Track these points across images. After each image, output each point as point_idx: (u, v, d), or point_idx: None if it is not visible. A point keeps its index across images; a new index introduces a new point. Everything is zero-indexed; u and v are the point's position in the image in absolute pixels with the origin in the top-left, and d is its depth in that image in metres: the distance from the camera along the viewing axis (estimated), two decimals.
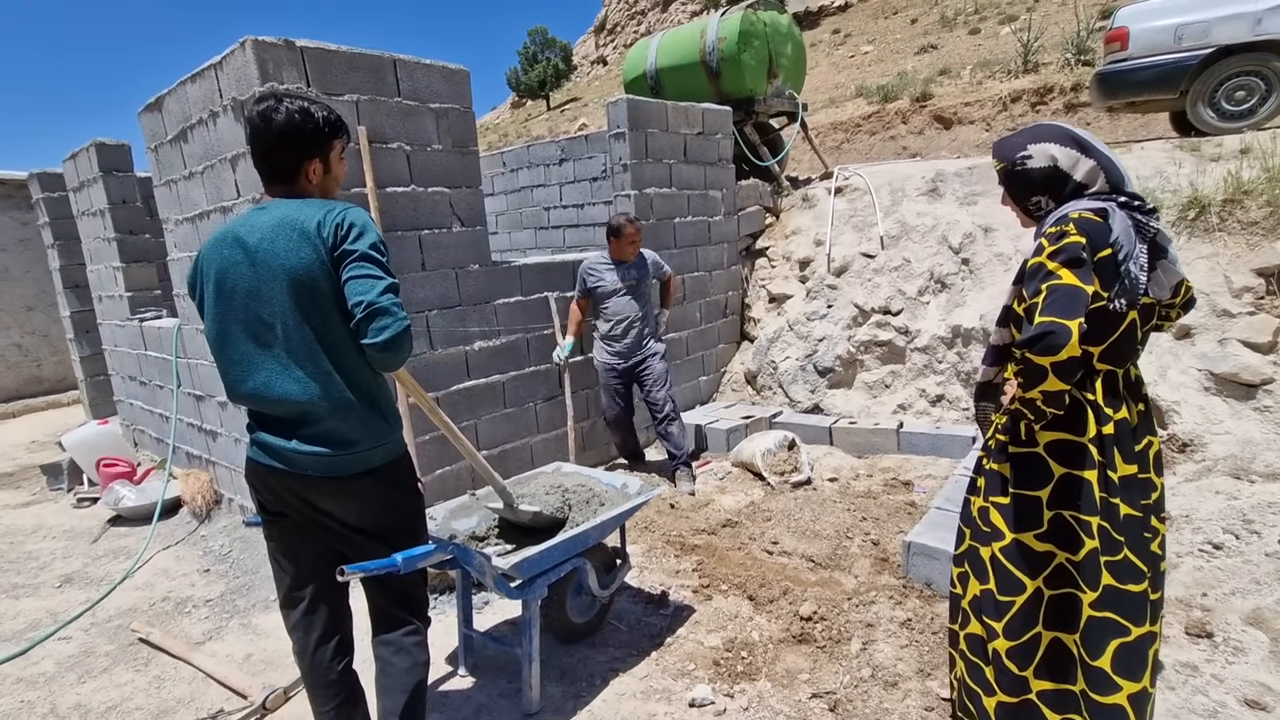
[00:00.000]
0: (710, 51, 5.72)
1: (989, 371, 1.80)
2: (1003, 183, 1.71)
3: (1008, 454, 1.65)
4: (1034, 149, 1.61)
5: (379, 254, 1.53)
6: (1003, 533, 1.65)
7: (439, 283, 3.54)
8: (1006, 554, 1.63)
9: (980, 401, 1.84)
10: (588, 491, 2.57)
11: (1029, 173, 1.62)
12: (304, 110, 1.58)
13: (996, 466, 1.67)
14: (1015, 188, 1.67)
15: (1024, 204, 1.68)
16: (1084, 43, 9.45)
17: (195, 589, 3.29)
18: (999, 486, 1.66)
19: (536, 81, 36.18)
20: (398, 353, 1.50)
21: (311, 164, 1.61)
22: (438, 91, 3.46)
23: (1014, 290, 1.67)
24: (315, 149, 1.61)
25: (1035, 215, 1.67)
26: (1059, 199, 1.61)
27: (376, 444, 1.63)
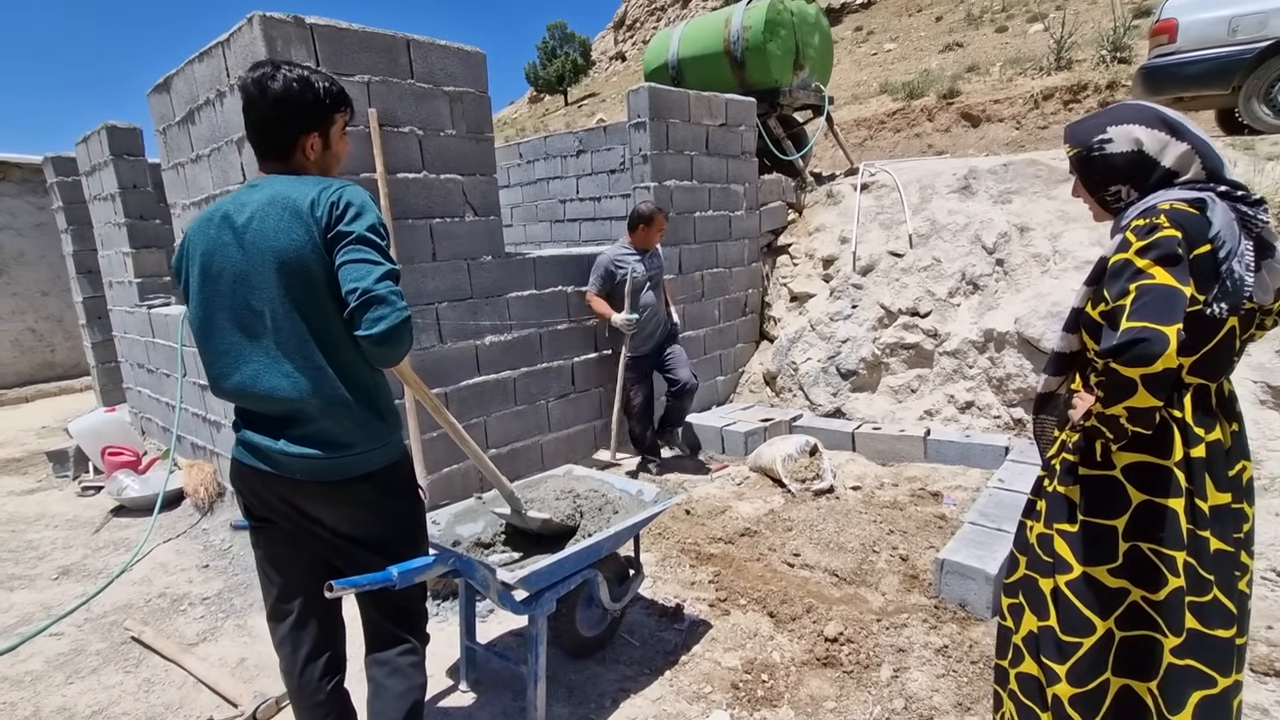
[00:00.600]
0: (735, 41, 5.53)
1: (1051, 381, 1.62)
2: (1076, 170, 1.52)
3: (1077, 476, 1.46)
4: (1115, 131, 1.42)
5: (378, 237, 1.38)
6: (1069, 564, 1.47)
7: (450, 274, 3.40)
8: (1073, 589, 1.45)
9: (1040, 415, 1.66)
10: (600, 498, 2.42)
11: (1109, 159, 1.43)
12: (303, 79, 1.44)
13: (1063, 490, 1.49)
14: (1091, 176, 1.48)
15: (1100, 194, 1.49)
16: (1120, 39, 9.14)
17: (193, 585, 3.18)
18: (1065, 512, 1.48)
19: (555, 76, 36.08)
20: (395, 346, 1.35)
21: (309, 139, 1.47)
22: (452, 74, 3.32)
23: (1086, 291, 1.48)
24: (314, 122, 1.47)
25: (1113, 208, 1.49)
26: (1143, 189, 1.43)
27: (373, 446, 1.48)
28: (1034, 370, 4.09)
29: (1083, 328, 1.50)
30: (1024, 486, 3.27)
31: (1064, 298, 4.03)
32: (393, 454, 1.54)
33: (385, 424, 1.51)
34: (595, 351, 4.21)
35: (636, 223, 3.93)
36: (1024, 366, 4.12)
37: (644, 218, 3.90)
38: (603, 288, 3.93)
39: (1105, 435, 1.35)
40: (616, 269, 3.92)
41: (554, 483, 2.61)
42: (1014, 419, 4.17)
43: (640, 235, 3.95)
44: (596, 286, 3.94)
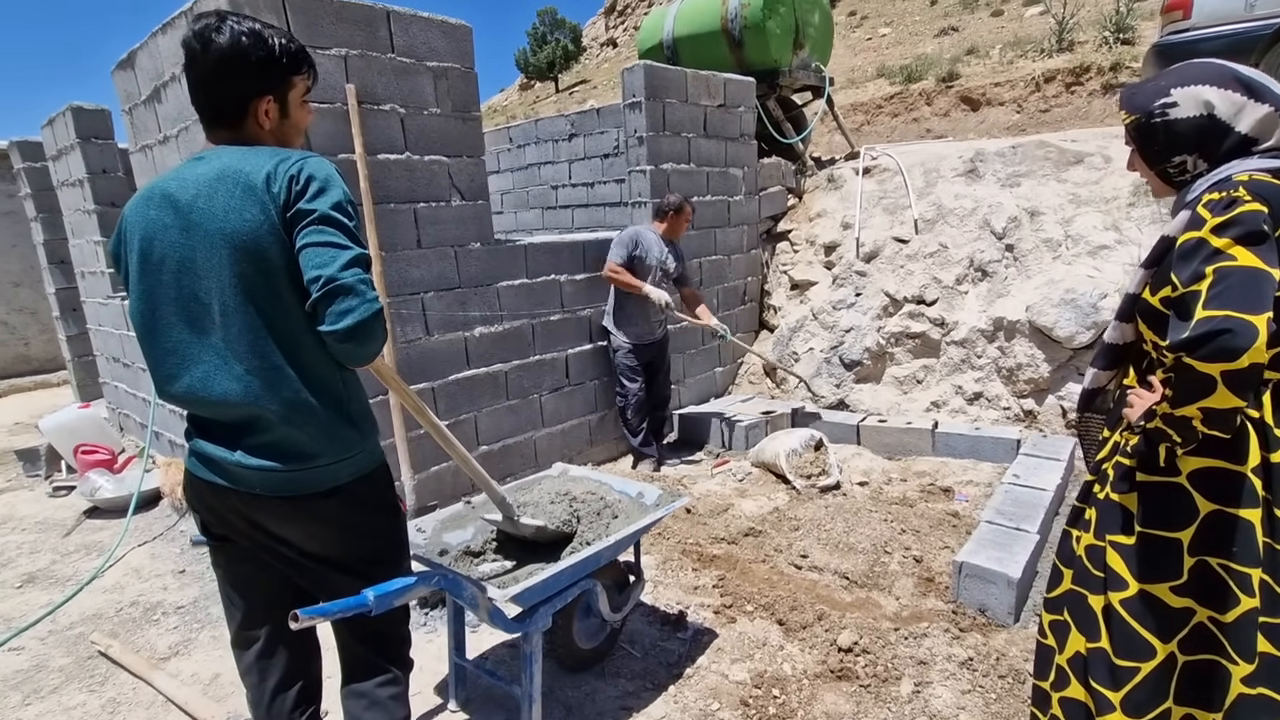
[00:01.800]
0: (733, 18, 5.33)
1: (1100, 376, 1.46)
2: (1133, 140, 1.35)
3: (1134, 483, 1.31)
4: (1181, 94, 1.25)
5: (344, 216, 1.20)
6: (1124, 580, 1.31)
7: (436, 262, 3.21)
8: (1129, 608, 1.30)
9: (1086, 413, 1.50)
10: (598, 501, 2.26)
11: (1174, 125, 1.27)
12: (254, 33, 1.24)
13: (1117, 497, 1.34)
14: (1152, 145, 1.32)
15: (1162, 167, 1.32)
16: (1123, 20, 8.95)
17: (167, 593, 3.01)
18: (1120, 522, 1.33)
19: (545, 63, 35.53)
20: (365, 344, 1.18)
21: (263, 103, 1.27)
22: (436, 49, 3.11)
23: (1144, 275, 1.32)
24: (268, 84, 1.27)
25: (1177, 181, 1.32)
26: (1214, 159, 1.26)
27: (343, 456, 1.31)
28: (1046, 360, 3.95)
29: (1140, 316, 1.34)
30: (1040, 482, 3.13)
31: (1078, 284, 3.88)
32: (366, 464, 1.37)
33: (357, 431, 1.33)
34: (590, 343, 4.04)
35: (666, 211, 3.91)
36: (1035, 356, 3.97)
37: (675, 207, 3.89)
38: (624, 260, 3.79)
39: (1173, 438, 1.19)
40: (636, 245, 3.82)
41: (548, 484, 2.44)
42: (1024, 410, 4.04)
43: (670, 223, 3.91)
44: (620, 257, 3.80)
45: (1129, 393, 1.36)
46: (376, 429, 1.41)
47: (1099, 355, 1.45)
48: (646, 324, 3.90)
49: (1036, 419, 3.99)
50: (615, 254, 3.80)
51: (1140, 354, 1.40)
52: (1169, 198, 1.38)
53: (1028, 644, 2.19)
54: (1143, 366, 1.39)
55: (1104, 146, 4.54)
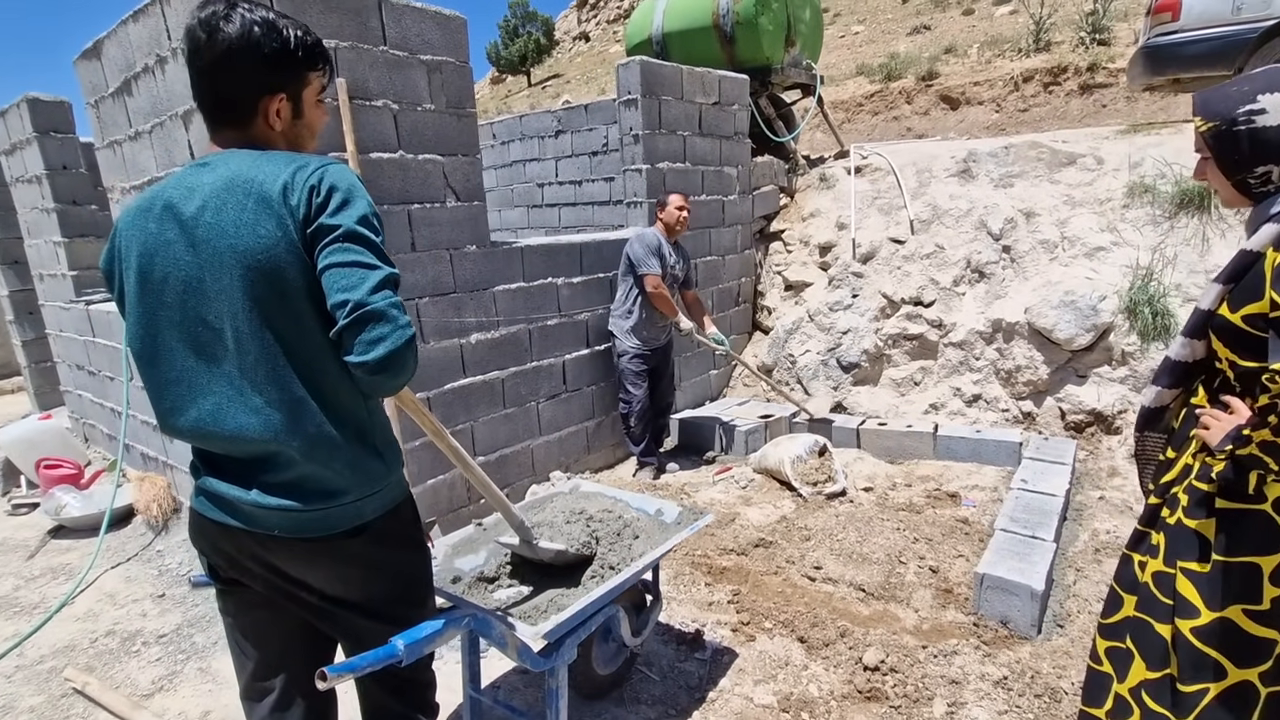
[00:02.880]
0: (724, 14, 5.23)
1: (1165, 395, 1.40)
2: (1209, 147, 1.29)
3: (1212, 509, 1.25)
4: (1270, 100, 1.19)
5: (371, 231, 1.08)
6: (1195, 608, 1.26)
7: (431, 265, 3.07)
8: (1200, 635, 1.25)
9: (1147, 432, 1.45)
10: (616, 520, 2.15)
11: (1259, 134, 1.21)
12: (268, 22, 1.10)
13: (1192, 524, 1.28)
14: (1233, 155, 1.25)
15: (1242, 176, 1.26)
16: (1099, 21, 9.09)
17: (147, 620, 2.82)
18: (1194, 549, 1.27)
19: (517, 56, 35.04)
20: (397, 375, 1.06)
21: (274, 102, 1.14)
22: (430, 41, 2.96)
23: (1220, 290, 1.26)
24: (281, 80, 1.14)
25: (1257, 192, 1.26)
26: None
27: (370, 492, 1.19)
28: (1045, 362, 3.96)
29: (1215, 334, 1.28)
30: (1049, 488, 3.12)
31: (1076, 286, 3.89)
32: (392, 498, 1.25)
33: (383, 462, 1.21)
34: (587, 348, 3.92)
35: (661, 206, 3.83)
36: (1035, 358, 3.98)
37: (665, 202, 3.81)
38: (658, 267, 3.67)
39: (1269, 466, 1.13)
40: (663, 255, 3.71)
41: (561, 502, 2.33)
42: (1023, 412, 4.04)
43: (667, 221, 3.79)
44: (658, 268, 3.65)
45: (1200, 413, 1.31)
46: (402, 459, 1.30)
47: (1163, 373, 1.39)
48: (654, 329, 3.81)
49: (1035, 421, 4.00)
50: (652, 265, 3.62)
51: (1211, 372, 1.34)
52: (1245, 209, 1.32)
53: (1056, 659, 2.16)
54: (1214, 385, 1.33)
55: (1095, 148, 4.56)
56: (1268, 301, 1.14)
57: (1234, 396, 1.26)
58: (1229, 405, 1.26)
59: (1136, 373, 3.72)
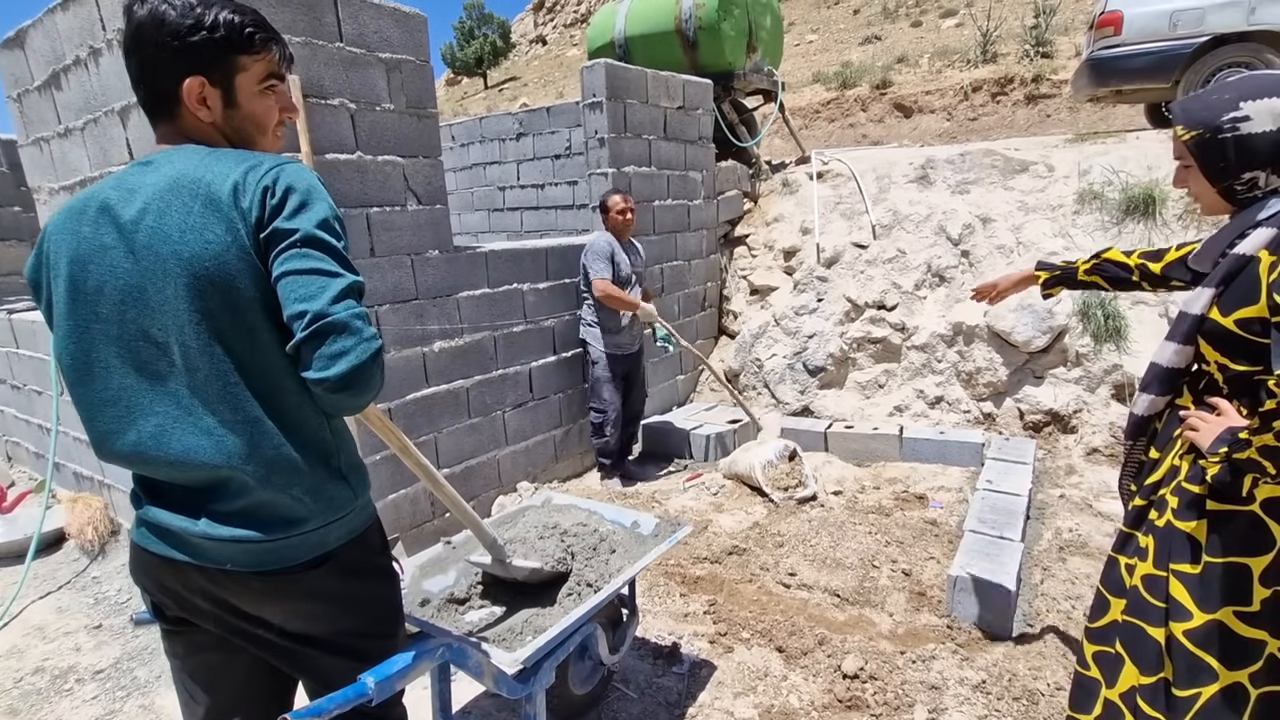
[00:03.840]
0: (687, 19, 5.23)
1: (1157, 403, 1.41)
2: (1193, 154, 1.30)
3: (1202, 510, 1.26)
4: (1253, 107, 1.21)
5: (332, 236, 0.99)
6: (1188, 611, 1.27)
7: (391, 271, 2.95)
8: (1193, 637, 1.26)
9: (1139, 439, 1.46)
10: (592, 534, 2.09)
11: (1245, 141, 1.22)
12: (185, 2, 0.99)
13: (1182, 525, 1.29)
14: (1218, 162, 1.27)
15: (1228, 183, 1.28)
16: (1042, 35, 9.47)
17: (81, 654, 2.61)
18: (1185, 552, 1.28)
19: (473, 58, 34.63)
20: (361, 392, 0.98)
21: (196, 86, 1.01)
22: (388, 39, 2.85)
23: (1209, 295, 1.27)
24: (199, 62, 1.01)
25: (1242, 199, 1.28)
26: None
27: (333, 518, 1.09)
28: (1004, 364, 4.05)
29: (1205, 339, 1.29)
30: (1013, 487, 3.18)
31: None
32: (358, 524, 1.16)
33: (349, 487, 1.12)
34: (554, 354, 3.84)
35: (602, 212, 3.73)
36: (994, 360, 4.07)
37: (601, 205, 3.72)
38: (610, 272, 3.60)
39: (1269, 471, 1.14)
40: (613, 252, 3.63)
41: (533, 516, 2.25)
42: (984, 413, 4.13)
43: (610, 223, 3.71)
44: (607, 271, 3.58)
45: (1186, 415, 1.32)
46: (368, 482, 1.20)
47: (1153, 381, 1.40)
48: (628, 334, 3.75)
49: (995, 421, 4.09)
50: (602, 269, 3.57)
51: (1195, 375, 1.36)
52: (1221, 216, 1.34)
53: (1030, 659, 2.18)
54: (1199, 388, 1.35)
55: (1046, 156, 4.71)
56: (1265, 305, 1.16)
57: (1221, 399, 1.27)
58: (1216, 407, 1.27)
59: (1090, 373, 3.84)
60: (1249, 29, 4.50)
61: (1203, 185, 1.33)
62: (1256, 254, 1.19)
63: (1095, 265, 1.76)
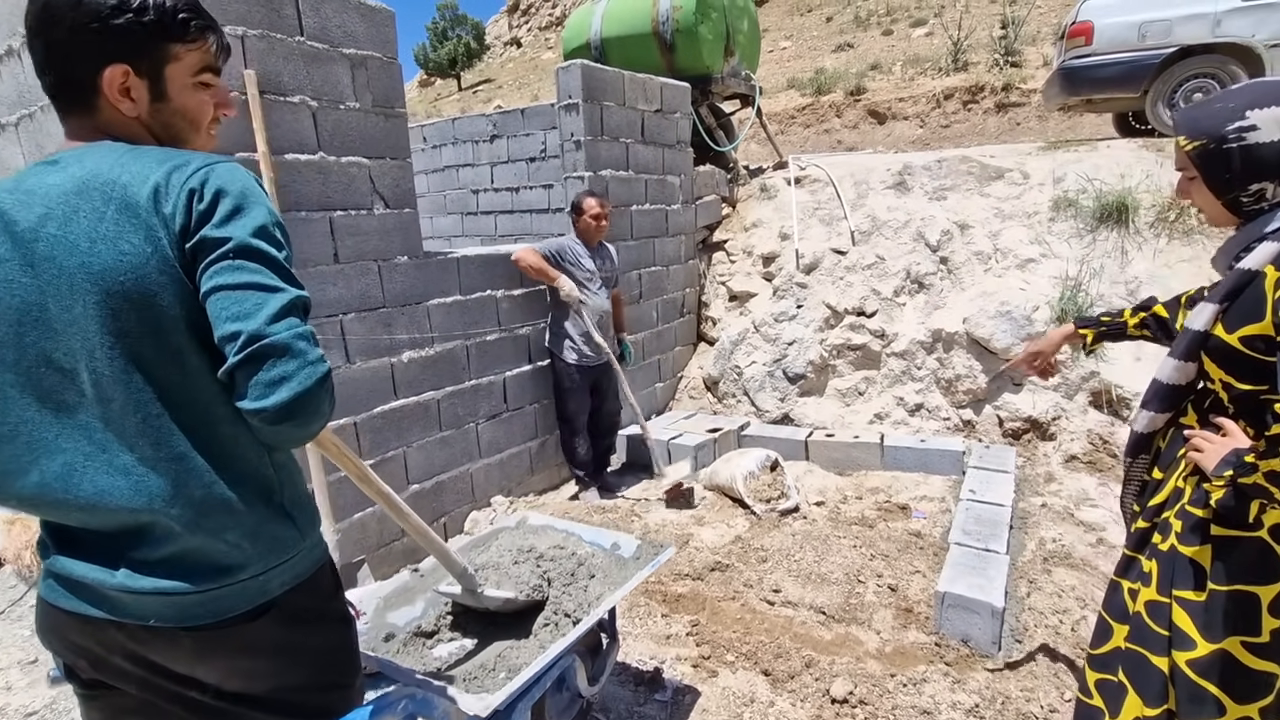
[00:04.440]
0: (664, 21, 5.15)
1: (1157, 420, 1.35)
2: (1197, 165, 1.24)
3: (1206, 535, 1.20)
4: (1260, 116, 1.15)
5: (271, 245, 0.87)
6: (1192, 640, 1.21)
7: (357, 278, 2.80)
8: (1197, 668, 1.20)
9: (1140, 457, 1.40)
10: (570, 558, 1.98)
11: (1253, 151, 1.16)
12: None
13: (1186, 550, 1.23)
14: (1223, 173, 1.21)
15: (1233, 195, 1.22)
16: (1011, 44, 9.63)
17: (12, 694, 2.41)
18: (1189, 578, 1.22)
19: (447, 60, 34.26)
20: (306, 423, 0.86)
21: (118, 75, 0.89)
22: (353, 34, 2.71)
23: (1214, 310, 1.21)
24: (121, 48, 0.88)
25: (1249, 210, 1.23)
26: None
27: (276, 562, 0.97)
28: (983, 371, 4.04)
29: (1208, 355, 1.23)
30: (997, 497, 3.14)
31: (1011, 297, 3.99)
32: (305, 567, 1.03)
33: (294, 527, 0.99)
34: (529, 363, 3.71)
35: (572, 214, 3.60)
36: (974, 367, 4.05)
37: (573, 206, 3.58)
38: (549, 257, 3.48)
39: (1275, 497, 1.08)
40: (564, 255, 3.51)
41: (506, 538, 2.13)
42: (963, 421, 4.11)
43: (579, 226, 3.59)
44: (544, 250, 3.48)
45: (1190, 435, 1.26)
46: (318, 518, 1.08)
47: (1154, 397, 1.34)
48: (592, 342, 3.62)
49: (975, 429, 4.07)
50: (540, 245, 3.49)
51: (1200, 392, 1.30)
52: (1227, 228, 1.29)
53: (1021, 680, 2.12)
54: (1204, 406, 1.29)
55: (1020, 163, 4.73)
56: (1270, 323, 1.10)
57: (1227, 418, 1.22)
58: (1221, 427, 1.22)
59: (1068, 380, 3.84)
60: (1214, 41, 4.58)
61: (1207, 197, 1.28)
62: (1262, 269, 1.13)
63: (1142, 320, 1.65)
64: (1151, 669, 1.27)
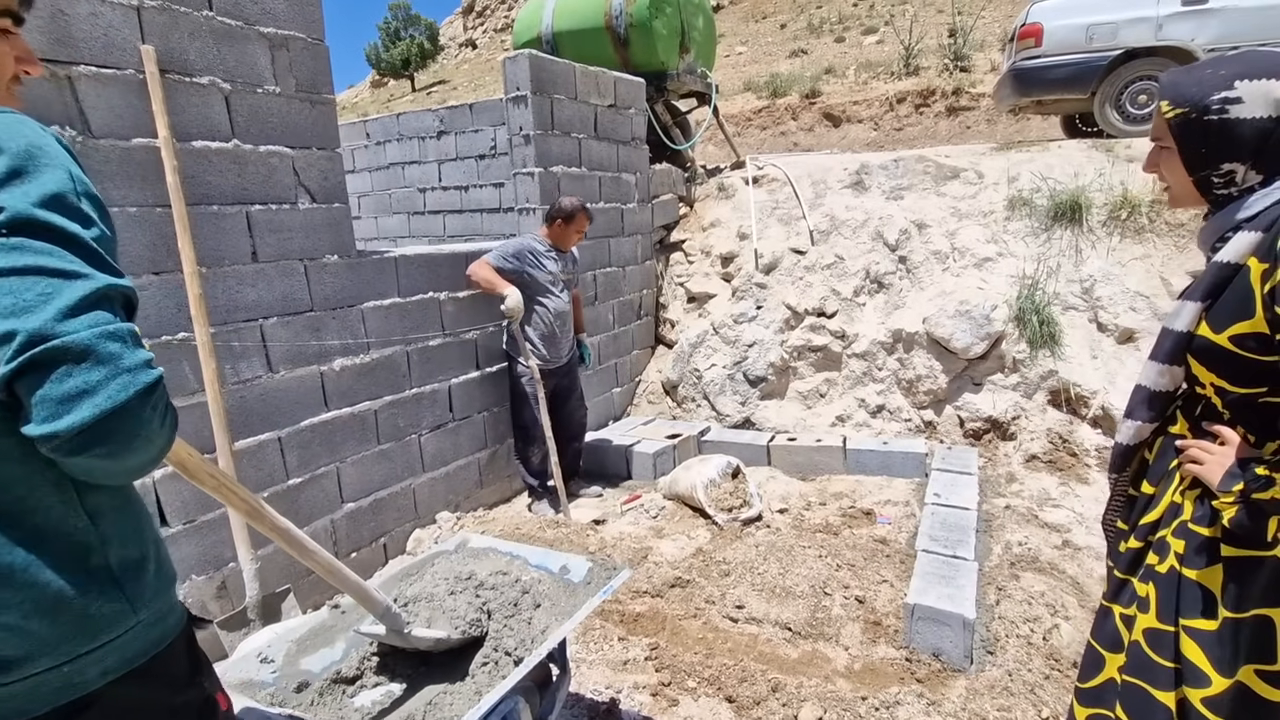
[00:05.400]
0: (617, 16, 5.00)
1: (1144, 430, 1.23)
2: (1174, 135, 1.12)
3: (1214, 556, 1.09)
4: (1247, 88, 1.04)
5: (72, 219, 0.68)
6: (1205, 676, 1.09)
7: (280, 279, 2.55)
8: (1214, 707, 1.08)
9: (1125, 471, 1.28)
10: (513, 586, 1.78)
11: (1231, 126, 1.05)
12: None
13: (1192, 574, 1.11)
14: (1198, 147, 1.09)
15: (1204, 173, 1.11)
16: (960, 49, 9.81)
17: None
18: (1198, 604, 1.10)
19: (400, 60, 33.50)
20: (122, 453, 0.67)
21: None
22: (271, 11, 2.47)
23: (1195, 309, 1.10)
24: None
25: (1216, 194, 1.11)
26: (1270, 171, 1.07)
27: (91, 646, 0.74)
28: (944, 371, 3.99)
29: (1195, 357, 1.12)
30: (962, 501, 3.07)
31: (970, 296, 3.95)
32: (143, 646, 0.79)
33: (121, 595, 0.77)
34: (477, 370, 3.50)
35: (555, 217, 3.40)
36: (934, 368, 4.00)
37: (564, 213, 3.37)
38: (507, 265, 3.28)
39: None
40: (525, 259, 3.33)
41: (444, 565, 1.92)
42: (924, 421, 4.05)
43: (557, 231, 3.41)
44: (501, 261, 3.28)
45: (1183, 445, 1.15)
46: (168, 580, 0.85)
47: (1139, 405, 1.23)
48: (554, 345, 3.45)
49: (936, 430, 4.02)
50: (495, 256, 3.29)
51: (1189, 399, 1.20)
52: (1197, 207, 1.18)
53: (997, 697, 2.02)
54: (1195, 413, 1.18)
55: (975, 163, 4.73)
56: (1262, 319, 0.99)
57: (1224, 426, 1.11)
58: (1219, 435, 1.11)
59: (1027, 379, 3.82)
60: (1156, 44, 4.66)
61: (1178, 172, 1.16)
62: (1245, 262, 1.02)
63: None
64: (1156, 705, 1.15)
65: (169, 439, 0.71)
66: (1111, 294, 3.84)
